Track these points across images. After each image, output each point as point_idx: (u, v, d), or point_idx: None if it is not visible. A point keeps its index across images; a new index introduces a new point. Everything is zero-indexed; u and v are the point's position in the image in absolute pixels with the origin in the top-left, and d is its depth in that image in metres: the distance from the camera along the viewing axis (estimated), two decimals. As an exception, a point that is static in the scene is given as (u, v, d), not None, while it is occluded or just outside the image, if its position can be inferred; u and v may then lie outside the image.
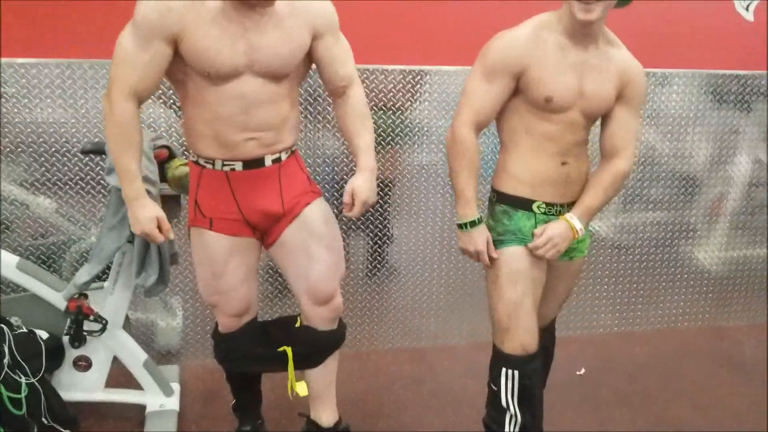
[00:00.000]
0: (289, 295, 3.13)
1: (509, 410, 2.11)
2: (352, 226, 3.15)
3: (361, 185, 2.06)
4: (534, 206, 2.11)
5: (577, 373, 3.17)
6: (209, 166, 2.04)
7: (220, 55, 1.87)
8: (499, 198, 2.16)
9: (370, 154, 2.11)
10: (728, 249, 3.70)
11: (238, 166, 2.03)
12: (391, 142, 3.09)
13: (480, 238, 2.11)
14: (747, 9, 3.34)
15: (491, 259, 2.13)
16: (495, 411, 2.15)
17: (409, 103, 3.06)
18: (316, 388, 2.35)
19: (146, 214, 1.97)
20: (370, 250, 3.24)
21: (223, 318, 2.23)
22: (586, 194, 2.13)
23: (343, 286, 3.14)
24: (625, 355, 3.38)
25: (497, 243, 2.13)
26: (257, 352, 2.30)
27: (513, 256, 2.11)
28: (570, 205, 2.15)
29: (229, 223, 2.08)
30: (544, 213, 2.12)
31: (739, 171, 3.58)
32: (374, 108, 3.00)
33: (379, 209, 3.14)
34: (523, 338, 2.09)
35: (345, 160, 3.04)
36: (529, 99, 2.04)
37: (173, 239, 2.52)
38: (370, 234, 3.20)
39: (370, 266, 3.26)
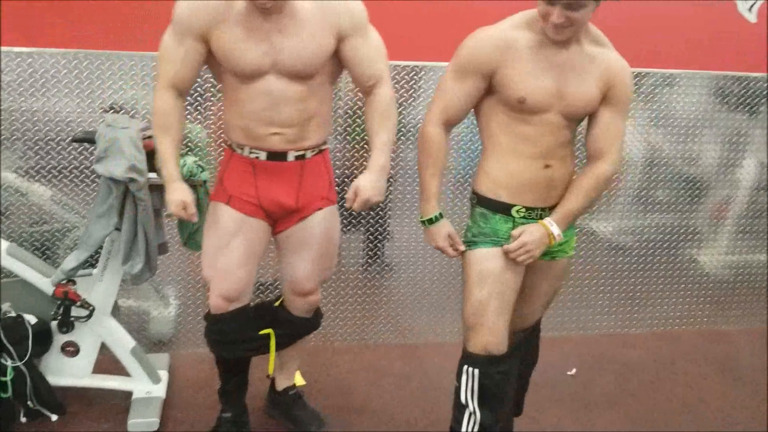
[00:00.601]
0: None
1: (468, 407, 2.08)
2: (351, 221, 3.16)
3: (365, 185, 2.11)
4: (513, 210, 2.08)
5: (568, 373, 3.15)
6: (239, 151, 2.19)
7: (243, 55, 2.00)
8: (478, 201, 2.13)
9: (383, 154, 2.15)
10: (730, 253, 3.66)
11: (262, 155, 2.16)
12: (401, 138, 3.09)
13: (440, 233, 2.11)
14: (750, 10, 3.30)
15: (465, 258, 2.12)
16: (456, 407, 2.13)
17: (407, 99, 3.06)
18: (282, 360, 2.61)
19: (173, 197, 2.10)
20: (366, 246, 3.25)
21: (214, 298, 2.28)
22: (567, 198, 2.08)
23: (336, 279, 3.19)
24: (618, 357, 3.36)
25: (470, 244, 2.12)
26: (244, 335, 2.37)
27: (483, 257, 2.08)
28: (552, 209, 2.10)
29: (245, 204, 2.21)
30: (524, 217, 2.08)
31: (746, 174, 3.54)
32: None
33: (378, 205, 3.14)
34: (486, 339, 2.06)
35: (347, 155, 3.05)
36: (503, 99, 2.00)
37: (161, 229, 2.57)
38: (368, 229, 3.20)
39: (365, 262, 3.27)
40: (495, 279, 2.07)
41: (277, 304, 2.46)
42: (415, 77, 3.03)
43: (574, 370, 3.17)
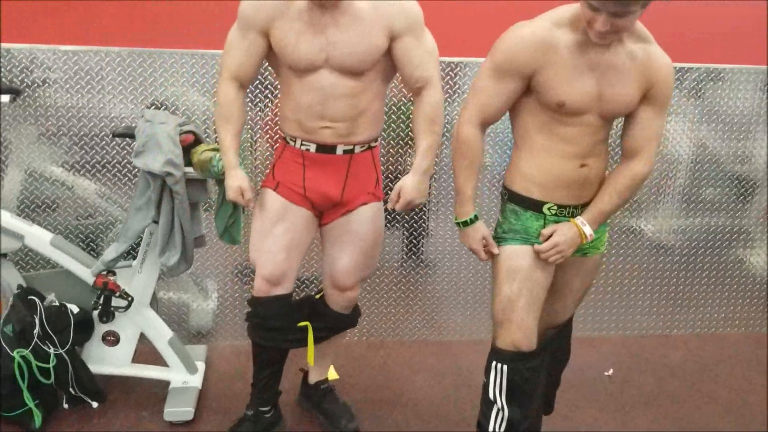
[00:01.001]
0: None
1: (496, 403, 2.07)
2: (391, 218, 3.18)
3: (409, 186, 2.19)
4: (544, 208, 2.05)
5: (605, 373, 3.11)
6: (292, 143, 2.27)
7: (297, 49, 2.09)
8: (509, 197, 2.11)
9: (427, 157, 2.21)
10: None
11: (312, 148, 2.22)
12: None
13: (475, 236, 2.10)
14: None
15: (492, 254, 2.11)
16: (484, 403, 2.12)
17: (449, 95, 3.05)
18: (316, 353, 2.59)
19: (232, 183, 2.22)
20: (405, 242, 3.26)
21: (258, 280, 2.33)
22: (600, 198, 2.05)
23: (374, 278, 3.21)
24: (658, 358, 3.29)
25: (500, 240, 2.11)
26: (282, 323, 2.39)
27: (513, 253, 2.07)
28: (584, 206, 2.07)
29: (291, 192, 2.28)
30: (555, 215, 2.05)
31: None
32: (405, 99, 3.02)
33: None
34: (515, 335, 2.05)
35: (391, 150, 3.07)
36: (541, 101, 1.95)
37: (198, 222, 2.63)
38: (407, 226, 3.22)
39: (403, 258, 3.28)
40: (525, 276, 2.05)
41: (317, 296, 2.51)
42: (450, 73, 3.03)
43: (611, 371, 3.12)
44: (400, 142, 3.08)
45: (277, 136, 2.94)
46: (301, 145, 2.23)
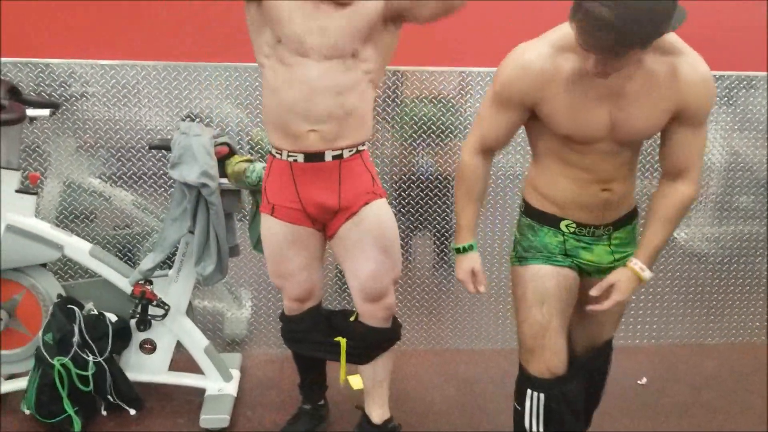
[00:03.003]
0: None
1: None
2: (418, 225, 3.20)
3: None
4: (562, 225, 1.96)
5: (638, 382, 3.08)
6: (278, 156, 2.18)
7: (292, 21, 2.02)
8: (526, 210, 2.03)
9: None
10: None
11: (300, 158, 2.13)
12: (458, 135, 3.09)
13: (464, 266, 2.03)
14: None
15: (516, 274, 2.02)
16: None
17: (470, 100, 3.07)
18: (368, 385, 2.47)
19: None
20: (436, 251, 3.27)
21: (287, 300, 2.37)
22: (652, 233, 1.89)
23: (403, 284, 3.23)
24: (693, 367, 3.26)
25: (522, 260, 2.01)
26: (316, 337, 2.40)
27: (539, 274, 1.96)
28: (606, 227, 1.96)
29: (289, 212, 2.21)
30: (574, 233, 1.96)
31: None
32: (433, 100, 3.04)
33: (444, 205, 3.18)
34: (549, 361, 1.94)
35: (404, 161, 3.09)
36: (550, 129, 1.84)
37: (233, 232, 2.67)
38: (434, 231, 3.23)
39: (435, 267, 3.29)
40: (553, 297, 1.95)
41: (352, 319, 2.38)
42: (462, 83, 3.05)
43: (644, 380, 3.10)
44: (413, 143, 3.09)
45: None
46: (288, 156, 2.15)
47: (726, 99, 3.21)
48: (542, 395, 1.96)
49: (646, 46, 1.59)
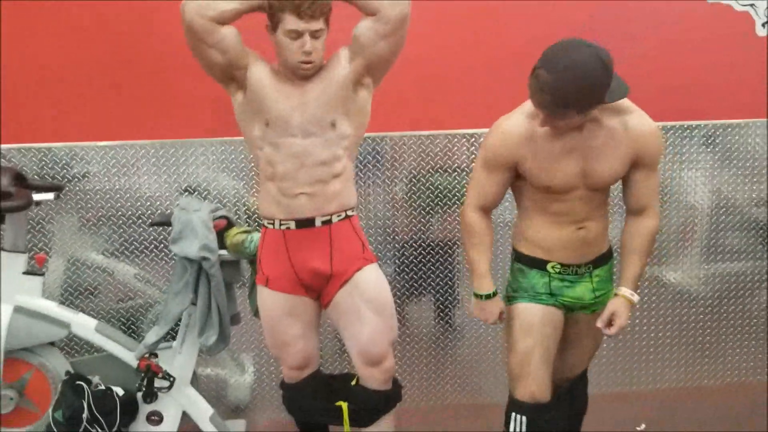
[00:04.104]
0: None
1: None
2: (420, 290, 3.27)
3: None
4: (548, 266, 2.24)
5: (637, 429, 3.12)
6: (270, 225, 2.31)
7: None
8: (516, 257, 2.31)
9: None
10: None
11: (292, 225, 2.26)
12: (457, 203, 3.19)
13: (494, 309, 2.28)
14: (764, 26, 3.25)
15: (506, 312, 2.29)
16: None
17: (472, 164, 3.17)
18: None
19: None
20: (435, 308, 3.34)
21: (286, 369, 2.43)
22: (629, 264, 2.21)
23: (402, 342, 3.29)
24: (690, 410, 3.31)
25: (511, 299, 2.29)
26: (317, 403, 2.45)
27: (525, 310, 2.25)
28: (586, 265, 2.25)
29: (284, 282, 2.31)
30: (559, 273, 2.24)
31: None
32: (432, 171, 3.15)
33: (446, 269, 3.27)
34: (532, 387, 2.19)
35: (405, 229, 3.19)
36: (532, 185, 2.15)
37: (233, 301, 2.74)
38: (435, 293, 3.30)
39: (434, 324, 3.35)
40: (537, 331, 2.22)
41: (353, 383, 2.44)
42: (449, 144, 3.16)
43: (643, 426, 3.14)
44: (423, 211, 3.18)
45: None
46: (281, 224, 2.27)
47: (705, 139, 3.29)
48: (524, 418, 2.19)
49: (584, 111, 1.95)
